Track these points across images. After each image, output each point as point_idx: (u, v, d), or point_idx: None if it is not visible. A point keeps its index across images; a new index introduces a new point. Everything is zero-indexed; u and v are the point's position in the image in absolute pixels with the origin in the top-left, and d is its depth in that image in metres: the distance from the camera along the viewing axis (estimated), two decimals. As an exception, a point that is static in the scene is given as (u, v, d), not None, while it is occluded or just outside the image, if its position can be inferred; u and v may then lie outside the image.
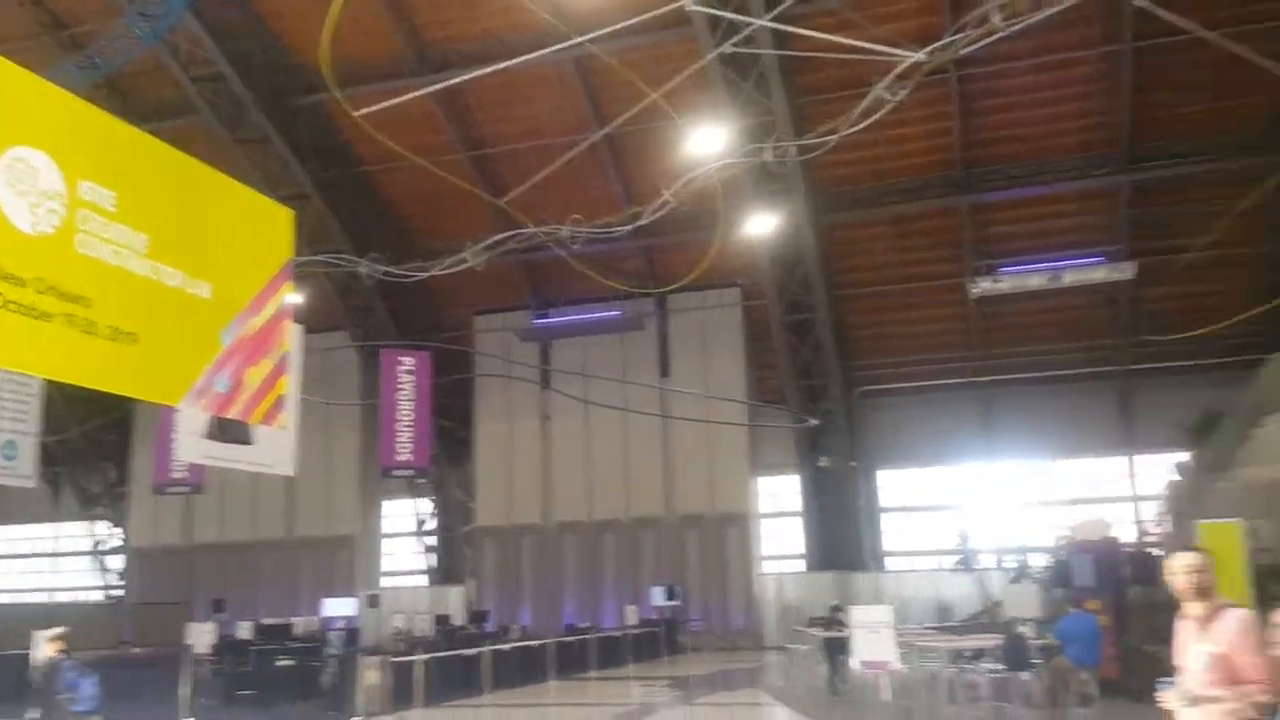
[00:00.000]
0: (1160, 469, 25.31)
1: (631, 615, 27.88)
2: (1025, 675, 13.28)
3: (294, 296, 5.97)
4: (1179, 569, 4.94)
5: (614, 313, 30.92)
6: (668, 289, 28.00)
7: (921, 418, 29.93)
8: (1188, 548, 5.21)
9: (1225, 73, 21.53)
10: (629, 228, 19.20)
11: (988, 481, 29.72)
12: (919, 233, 27.44)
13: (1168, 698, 4.94)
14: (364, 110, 15.07)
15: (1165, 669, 13.98)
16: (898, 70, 13.49)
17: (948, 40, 12.99)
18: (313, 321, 25.50)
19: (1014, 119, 25.04)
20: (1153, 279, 25.45)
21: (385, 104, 15.32)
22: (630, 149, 27.18)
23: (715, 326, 30.83)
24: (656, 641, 26.86)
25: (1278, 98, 21.97)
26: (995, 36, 12.65)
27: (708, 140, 17.75)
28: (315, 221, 28.19)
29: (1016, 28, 12.26)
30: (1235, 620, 4.76)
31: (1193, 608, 4.93)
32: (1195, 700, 4.73)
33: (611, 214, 20.19)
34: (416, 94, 17.05)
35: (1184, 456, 22.88)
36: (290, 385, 5.84)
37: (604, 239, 19.86)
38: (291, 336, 5.86)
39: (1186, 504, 20.23)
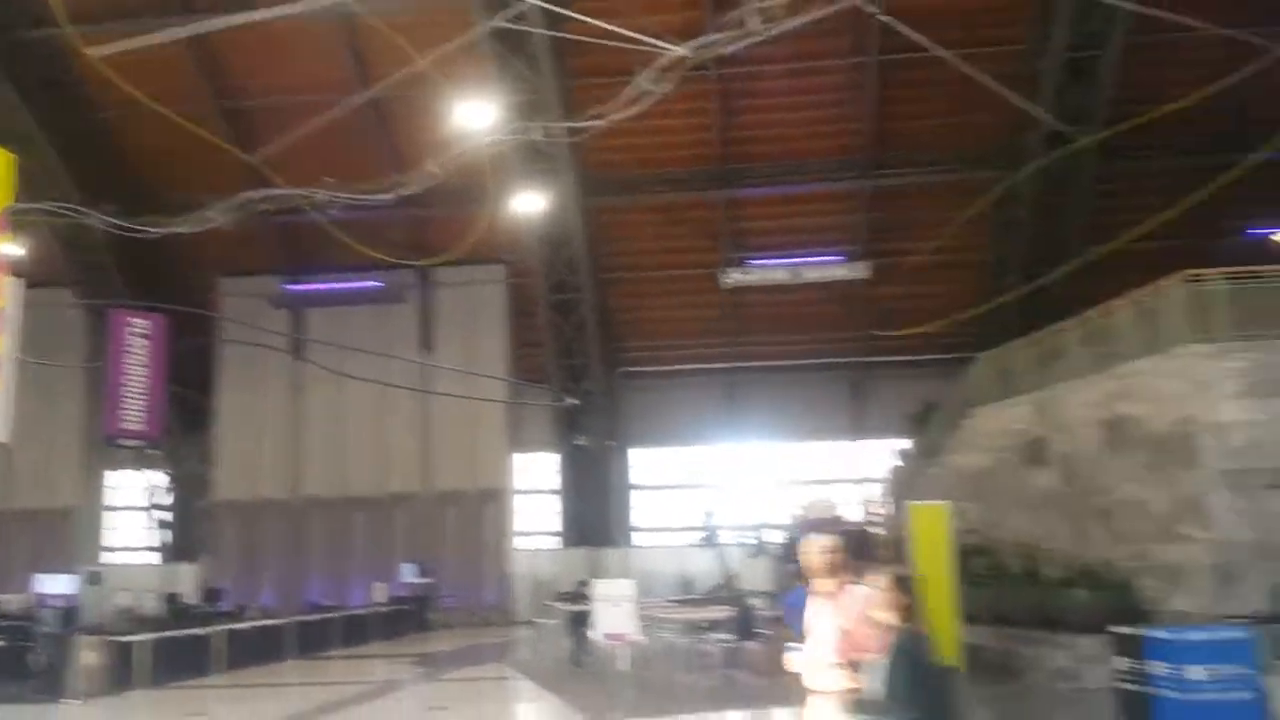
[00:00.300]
0: (885, 454, 27.44)
1: (381, 593, 27.39)
2: (753, 645, 14.11)
3: (12, 248, 5.51)
4: (815, 550, 5.45)
5: (374, 283, 30.13)
6: (432, 262, 27.55)
7: (676, 400, 31.04)
8: (821, 532, 5.78)
9: (961, 90, 23.35)
10: (391, 196, 18.75)
11: (733, 462, 31.22)
12: (680, 222, 28.35)
13: (793, 661, 5.44)
14: (100, 50, 13.91)
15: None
16: (661, 63, 13.88)
17: (709, 39, 13.51)
18: (35, 276, 23.28)
19: (770, 119, 26.31)
20: (886, 278, 27.52)
21: (126, 45, 14.22)
22: (399, 116, 26.50)
23: (479, 302, 30.66)
24: (406, 619, 26.54)
25: (1004, 117, 24.20)
26: (753, 39, 13.27)
27: (477, 114, 17.58)
28: (40, 167, 25.63)
29: (773, 32, 12.92)
30: (858, 597, 5.29)
31: (824, 584, 5.44)
32: (818, 666, 5.24)
33: (376, 181, 19.64)
34: (161, 37, 15.92)
35: (905, 443, 24.92)
36: (5, 344, 5.41)
37: (366, 206, 19.28)
38: (8, 292, 5.42)
39: (905, 487, 22.13)
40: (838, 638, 5.21)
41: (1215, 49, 20.87)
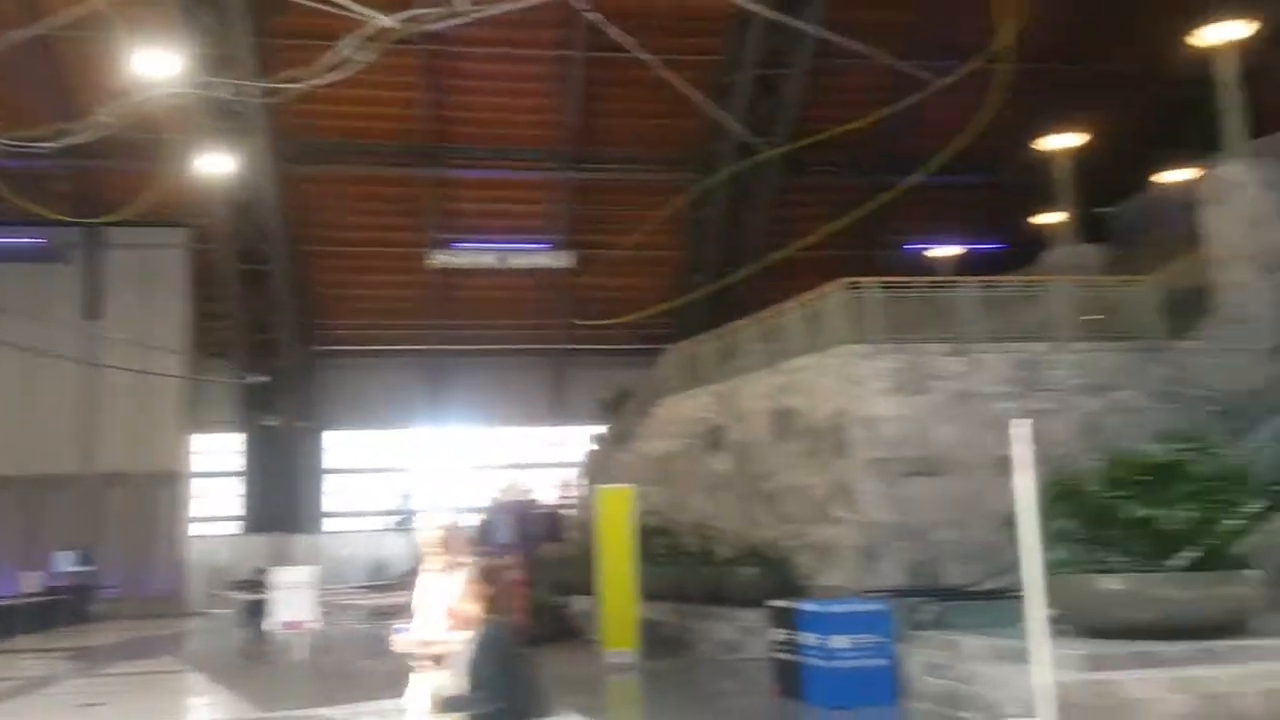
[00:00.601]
0: (583, 439, 28.17)
1: (31, 583, 24.84)
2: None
3: None
4: (429, 530, 5.65)
5: (33, 240, 27.17)
6: (102, 220, 25.19)
7: (376, 381, 30.26)
8: (435, 516, 6.05)
9: (662, 94, 24.29)
10: (56, 144, 17.03)
11: (433, 446, 30.91)
12: (386, 198, 27.68)
13: (400, 641, 5.58)
14: None
15: (567, 618, 15.59)
16: (365, 31, 13.50)
17: (416, 12, 13.29)
18: None
19: (479, 102, 26.27)
20: (589, 269, 28.24)
21: None
22: (69, 57, 24.00)
23: (157, 268, 28.35)
24: (62, 611, 24.28)
25: (702, 123, 25.48)
26: (460, 19, 13.19)
27: (157, 62, 16.23)
28: None
29: (479, 14, 12.90)
30: (465, 576, 5.51)
31: (436, 563, 5.63)
32: (425, 645, 5.40)
33: (39, 127, 17.78)
34: None
35: (601, 429, 25.72)
36: None
37: (26, 154, 17.40)
38: None
39: (598, 471, 22.87)
40: (445, 614, 5.33)
41: (889, 78, 23.08)
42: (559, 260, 27.74)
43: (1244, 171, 15.88)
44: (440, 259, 27.15)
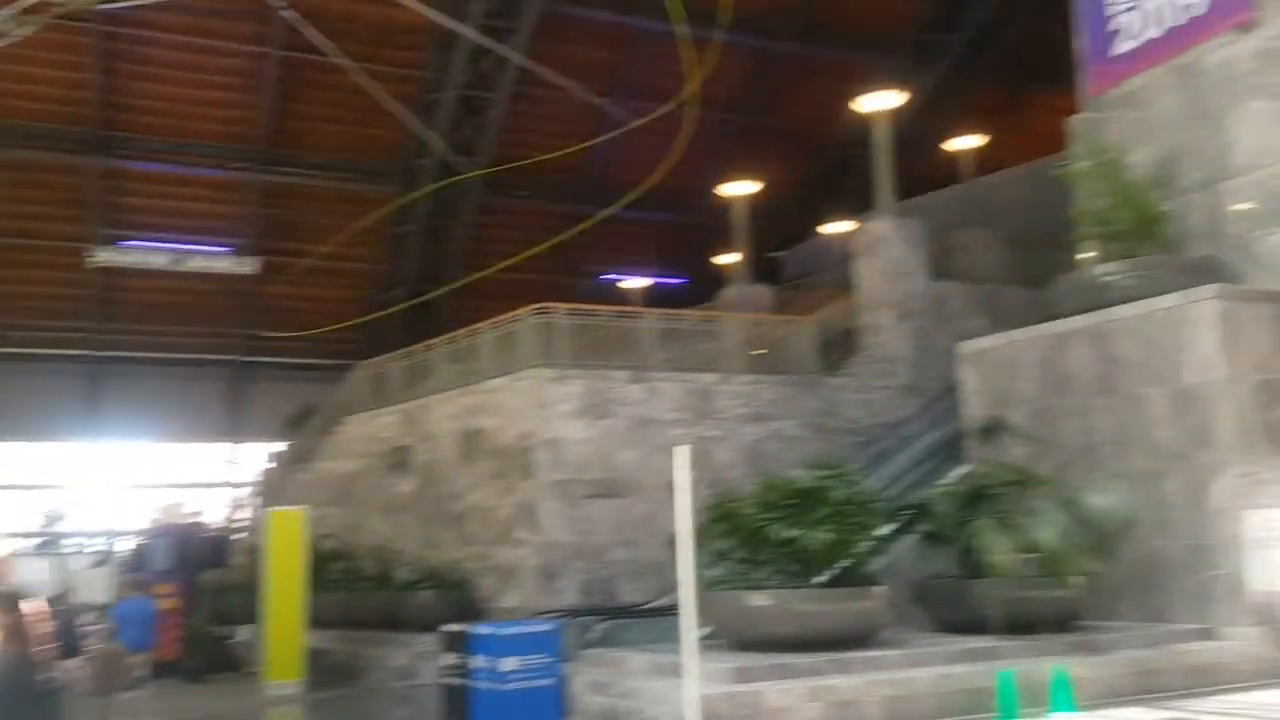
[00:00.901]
0: (261, 458, 26.68)
1: None
2: (75, 661, 12.83)
3: None
4: None
5: None
6: None
7: (22, 388, 27.05)
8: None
9: (364, 103, 23.73)
10: None
11: (89, 461, 28.17)
12: (40, 185, 24.97)
13: None
14: None
15: (228, 649, 14.70)
16: (25, 3, 12.26)
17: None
18: None
19: (158, 90, 24.40)
20: (275, 278, 26.81)
21: None
22: None
23: None
24: None
25: (404, 137, 25.10)
26: (138, 2, 12.28)
27: None
28: None
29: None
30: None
31: None
32: None
33: None
34: None
35: (279, 447, 24.49)
36: None
37: None
38: None
39: (275, 491, 21.75)
40: None
41: (591, 112, 23.87)
42: (242, 266, 26.08)
43: (891, 228, 17.76)
44: (104, 256, 24.76)
